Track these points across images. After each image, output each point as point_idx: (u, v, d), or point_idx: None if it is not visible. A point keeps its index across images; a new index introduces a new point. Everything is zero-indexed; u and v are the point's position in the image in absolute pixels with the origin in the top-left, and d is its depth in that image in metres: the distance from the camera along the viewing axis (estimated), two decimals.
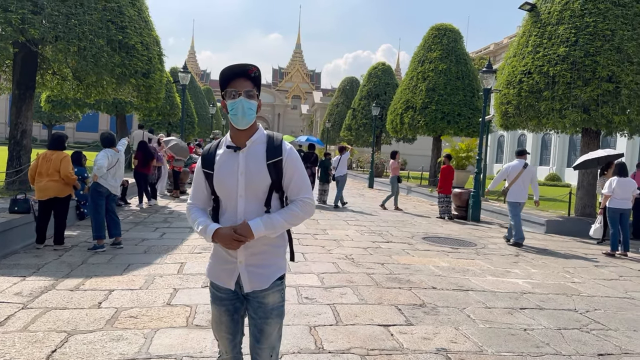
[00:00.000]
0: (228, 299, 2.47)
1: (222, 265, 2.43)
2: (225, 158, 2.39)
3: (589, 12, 12.11)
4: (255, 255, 2.38)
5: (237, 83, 2.33)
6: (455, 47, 23.37)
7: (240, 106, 2.30)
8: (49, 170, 7.20)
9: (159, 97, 12.71)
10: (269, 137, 2.44)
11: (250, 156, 2.36)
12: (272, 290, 2.42)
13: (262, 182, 2.34)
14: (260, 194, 2.35)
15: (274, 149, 2.39)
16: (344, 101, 44.22)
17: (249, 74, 2.35)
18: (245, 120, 2.33)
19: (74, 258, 6.80)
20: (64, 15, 9.45)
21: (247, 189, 2.33)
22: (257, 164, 2.34)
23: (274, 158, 2.36)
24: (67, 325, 4.36)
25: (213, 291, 2.53)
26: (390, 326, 4.72)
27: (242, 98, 2.30)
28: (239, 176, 2.33)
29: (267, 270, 2.41)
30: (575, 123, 12.36)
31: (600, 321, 5.27)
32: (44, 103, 20.72)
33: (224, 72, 2.35)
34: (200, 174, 2.47)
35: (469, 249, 9.22)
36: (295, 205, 2.40)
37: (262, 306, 2.41)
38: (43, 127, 48.59)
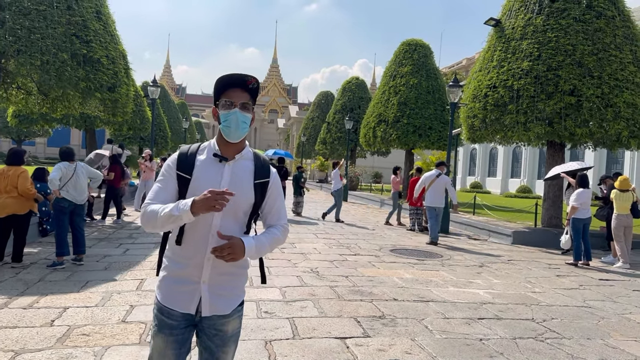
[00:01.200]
0: (179, 328, 2.21)
1: (181, 286, 2.18)
2: (208, 166, 2.19)
3: (551, 28, 12.45)
4: (221, 276, 2.19)
5: (234, 93, 2.18)
6: (425, 62, 23.77)
7: (235, 118, 2.15)
8: (7, 187, 7.06)
9: (125, 111, 12.60)
10: (256, 155, 2.32)
11: (237, 171, 2.20)
12: (233, 317, 2.25)
13: (245, 200, 2.19)
14: (240, 213, 2.20)
15: (262, 168, 2.27)
16: (319, 115, 44.44)
17: (247, 85, 2.20)
18: (237, 134, 2.18)
19: (32, 275, 6.65)
20: (26, 29, 9.36)
21: (227, 206, 2.06)
22: (243, 180, 2.20)
23: (262, 178, 2.24)
24: (16, 344, 4.25)
25: (162, 319, 2.21)
26: (347, 338, 4.72)
27: (237, 110, 2.16)
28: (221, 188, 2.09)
29: (231, 293, 2.24)
30: (540, 136, 12.64)
31: (556, 330, 5.35)
32: (11, 118, 20.35)
33: (221, 80, 2.19)
34: (171, 176, 2.20)
35: (434, 260, 9.29)
36: (277, 230, 2.30)
37: (219, 334, 2.22)
38: (12, 142, 47.64)
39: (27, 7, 9.45)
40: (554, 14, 12.55)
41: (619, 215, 9.86)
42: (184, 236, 2.17)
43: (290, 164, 42.12)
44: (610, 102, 11.75)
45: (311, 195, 27.13)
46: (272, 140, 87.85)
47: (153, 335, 2.26)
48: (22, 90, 12.07)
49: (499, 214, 16.95)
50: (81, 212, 7.78)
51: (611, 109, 11.73)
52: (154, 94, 18.04)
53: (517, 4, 13.43)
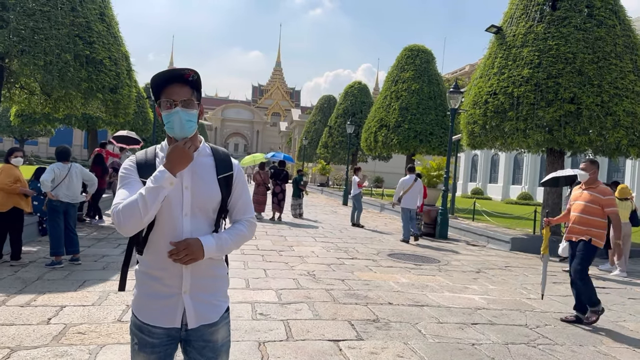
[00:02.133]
0: (161, 345, 2.07)
1: (160, 301, 2.04)
2: None
3: (551, 36, 12.50)
4: (202, 283, 2.07)
5: (173, 90, 2.00)
6: (427, 67, 23.86)
7: (177, 118, 1.98)
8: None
9: (127, 112, 12.68)
10: (214, 149, 2.19)
11: (197, 169, 2.06)
12: (221, 325, 2.14)
13: (212, 198, 2.07)
14: (209, 212, 2.08)
15: (223, 162, 2.14)
16: (321, 119, 44.59)
17: (185, 78, 2.02)
18: (183, 133, 2.01)
19: (30, 274, 6.70)
20: (30, 30, 9.44)
21: (194, 206, 2.03)
22: (205, 178, 2.07)
23: (225, 172, 2.12)
24: (12, 341, 4.30)
25: (141, 337, 2.08)
26: (340, 341, 4.76)
27: (178, 109, 1.98)
28: (183, 191, 2.02)
29: (215, 299, 2.13)
30: (539, 143, 12.67)
31: (549, 336, 5.39)
32: (14, 118, 20.47)
33: (156, 77, 2.02)
34: (133, 174, 2.06)
35: (431, 265, 9.33)
36: (242, 226, 2.17)
37: (209, 345, 2.09)
38: (15, 141, 47.82)
39: (32, 8, 9.54)
40: (554, 22, 12.61)
41: None
42: (152, 245, 2.07)
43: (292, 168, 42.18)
44: (610, 111, 11.79)
45: (311, 199, 27.19)
46: (274, 143, 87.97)
47: (133, 354, 2.13)
48: (25, 90, 12.17)
49: (498, 220, 16.98)
50: (73, 213, 7.80)
51: (611, 118, 11.77)
52: None
53: (518, 11, 13.50)
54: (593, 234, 6.01)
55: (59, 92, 10.33)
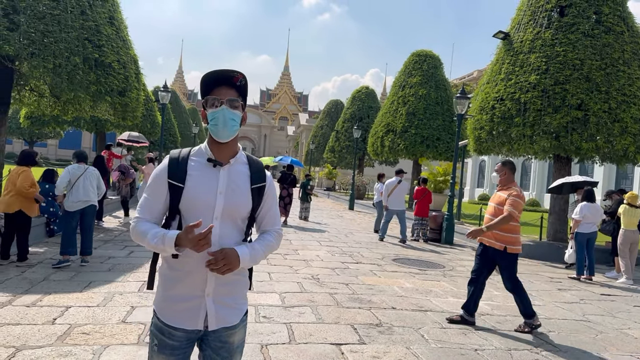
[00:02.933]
0: (181, 347, 2.10)
1: (183, 302, 2.06)
2: (201, 172, 2.08)
3: (559, 42, 12.48)
4: (225, 286, 2.09)
5: (221, 91, 2.07)
6: (435, 73, 23.87)
7: (222, 116, 2.04)
8: (7, 185, 7.30)
9: (135, 115, 12.75)
10: (250, 158, 2.22)
11: (233, 176, 2.10)
12: (239, 327, 2.16)
13: (244, 206, 2.10)
14: (238, 220, 2.11)
15: (258, 173, 2.17)
16: (328, 123, 44.65)
17: (234, 82, 2.09)
18: (226, 132, 2.06)
19: (36, 274, 6.76)
20: (40, 33, 9.53)
21: (225, 211, 2.05)
22: (240, 185, 2.10)
23: (258, 183, 2.15)
24: (17, 340, 4.34)
25: (161, 338, 2.09)
26: (343, 345, 4.77)
27: (224, 107, 2.05)
28: (217, 195, 2.04)
29: (236, 302, 2.15)
30: (546, 149, 12.63)
31: (552, 343, 5.37)
32: (23, 120, 20.65)
33: (206, 77, 2.09)
34: (161, 185, 2.07)
35: (436, 270, 9.31)
36: (271, 236, 2.21)
37: (225, 346, 2.12)
38: (25, 143, 48.21)
39: (42, 12, 9.64)
40: (562, 29, 12.59)
41: (626, 231, 9.81)
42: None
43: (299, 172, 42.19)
44: (618, 118, 11.75)
45: (318, 203, 27.19)
46: (281, 147, 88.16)
47: (152, 355, 2.14)
48: (34, 93, 12.28)
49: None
50: (90, 213, 7.87)
51: (618, 124, 11.73)
52: (164, 99, 18.27)
53: (526, 17, 13.49)
54: (505, 240, 5.74)
55: (67, 94, 10.40)
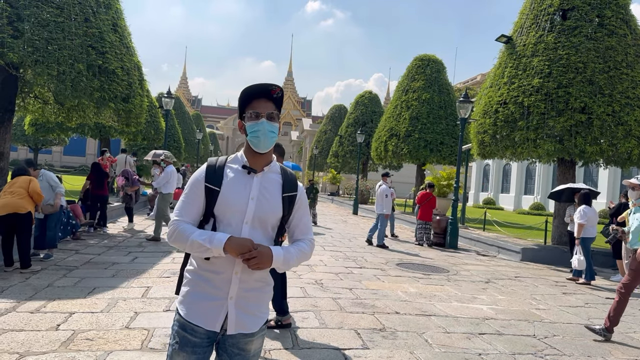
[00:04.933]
0: (202, 346, 2.12)
1: (207, 302, 2.10)
2: (237, 178, 2.16)
3: (562, 45, 12.48)
4: (248, 292, 2.13)
5: (259, 104, 2.17)
6: (438, 77, 23.87)
7: (262, 129, 2.14)
8: (11, 188, 7.28)
9: (139, 121, 12.81)
10: (283, 169, 2.29)
11: (266, 183, 2.18)
12: (257, 336, 2.17)
13: (273, 213, 2.16)
14: (268, 227, 2.17)
15: (290, 182, 2.24)
16: (332, 128, 44.65)
17: (271, 94, 2.18)
18: (266, 144, 2.16)
19: (41, 281, 6.78)
20: (44, 40, 9.59)
21: (255, 216, 2.12)
22: (272, 193, 2.18)
23: (290, 192, 2.22)
24: (21, 346, 4.35)
25: (184, 336, 2.12)
26: (346, 350, 4.76)
27: (264, 120, 2.14)
28: (249, 200, 2.12)
29: (257, 310, 2.17)
30: (549, 153, 12.60)
31: (557, 347, 5.34)
32: (28, 127, 20.73)
33: (246, 91, 2.18)
34: (199, 189, 2.16)
35: (440, 275, 9.29)
36: (305, 244, 2.25)
37: (242, 353, 2.14)
38: (29, 150, 48.38)
39: (46, 19, 9.70)
40: (565, 32, 12.60)
41: None
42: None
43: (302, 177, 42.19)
44: (622, 120, 11.72)
45: (322, 208, 27.18)
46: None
47: (172, 354, 2.14)
48: (39, 100, 12.36)
49: (509, 230, 16.87)
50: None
51: (622, 127, 11.70)
52: (168, 105, 18.32)
53: (528, 21, 13.50)
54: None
55: (71, 101, 10.46)
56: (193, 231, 2.07)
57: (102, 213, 11.95)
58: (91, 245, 9.97)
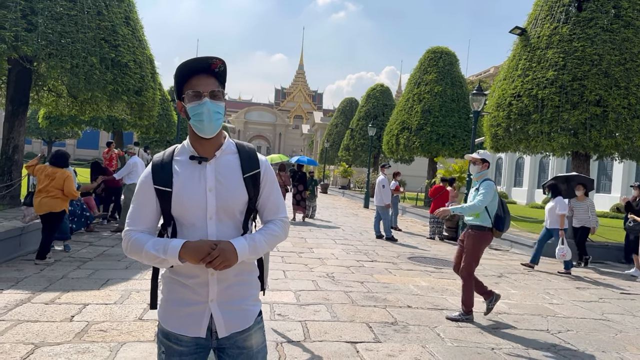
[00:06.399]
0: (190, 353, 1.95)
1: (185, 308, 1.91)
2: (187, 172, 1.91)
3: (577, 37, 12.30)
4: (229, 289, 1.94)
5: (199, 81, 1.89)
6: (450, 69, 23.66)
7: (206, 110, 1.87)
8: (48, 187, 7.33)
9: (151, 114, 12.88)
10: (239, 146, 2.03)
11: (221, 169, 1.93)
12: (255, 329, 2.01)
13: (238, 199, 1.92)
14: (236, 214, 1.94)
15: (250, 160, 1.99)
16: (343, 121, 44.54)
17: (212, 69, 1.90)
18: (212, 127, 1.89)
19: (55, 272, 6.84)
20: (58, 33, 9.66)
21: (219, 208, 1.90)
22: (230, 177, 1.93)
23: (251, 171, 1.96)
24: (36, 337, 4.40)
25: (169, 345, 1.96)
26: (358, 343, 4.75)
27: (207, 100, 1.87)
28: (207, 193, 1.89)
29: (245, 304, 1.99)
30: (564, 146, 12.46)
31: (571, 342, 5.29)
32: (42, 120, 20.96)
33: (182, 67, 1.90)
34: (148, 192, 1.93)
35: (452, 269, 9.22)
36: (275, 225, 2.01)
37: (244, 352, 1.97)
38: (43, 143, 48.90)
39: (59, 12, 9.76)
40: (580, 24, 12.41)
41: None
42: None
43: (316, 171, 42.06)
44: (638, 114, 11.56)
45: (333, 201, 27.22)
46: (296, 146, 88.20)
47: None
48: (52, 93, 12.48)
49: (522, 224, 16.74)
50: None
51: (638, 120, 11.54)
52: None
53: (543, 13, 13.32)
54: None
55: (85, 94, 10.54)
56: (146, 241, 1.86)
57: (116, 204, 12.04)
58: (105, 237, 10.05)
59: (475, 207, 5.75)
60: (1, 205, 10.18)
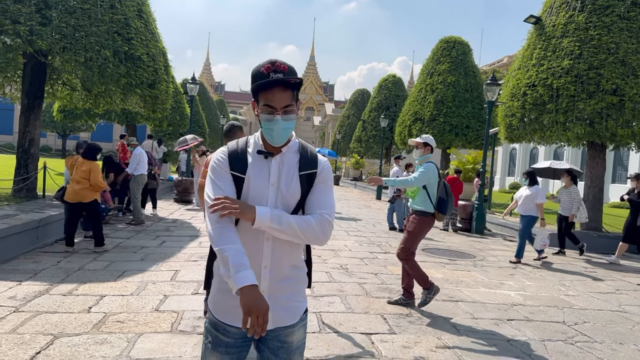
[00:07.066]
0: (237, 346, 2.01)
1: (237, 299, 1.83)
2: (256, 164, 2.00)
3: (593, 25, 12.10)
4: (281, 284, 1.99)
5: (274, 96, 1.93)
6: (464, 59, 23.45)
7: (277, 127, 1.95)
8: (77, 177, 7.77)
9: (165, 107, 12.92)
10: (302, 146, 2.10)
11: (283, 165, 2.01)
12: (299, 327, 2.03)
13: (293, 195, 1.99)
14: (291, 210, 2.00)
15: (309, 159, 2.05)
16: (354, 113, 44.37)
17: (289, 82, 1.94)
18: (280, 140, 1.98)
19: (72, 264, 6.93)
20: (72, 27, 9.71)
21: (278, 202, 1.97)
22: (289, 174, 2.00)
23: (308, 169, 2.02)
24: (55, 328, 4.46)
25: (216, 335, 2.00)
26: (373, 334, 4.76)
27: (279, 119, 1.94)
28: (269, 187, 1.97)
29: (293, 300, 2.03)
30: (579, 136, 12.31)
31: (587, 334, 5.25)
32: (56, 113, 21.13)
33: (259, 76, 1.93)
34: (226, 175, 1.98)
35: (467, 260, 9.21)
36: (312, 217, 1.96)
37: (284, 346, 1.99)
38: (58, 136, 49.32)
39: (73, 6, 9.80)
40: (596, 11, 12.20)
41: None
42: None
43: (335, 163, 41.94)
44: None
45: (345, 193, 27.19)
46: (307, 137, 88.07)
47: (205, 353, 2.04)
48: (67, 86, 12.57)
49: None
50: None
51: None
52: (193, 91, 18.44)
53: (558, 1, 13.11)
54: None
55: (99, 87, 10.59)
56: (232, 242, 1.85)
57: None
58: (120, 229, 10.15)
59: (408, 182, 5.85)
60: (18, 198, 10.30)
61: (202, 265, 7.29)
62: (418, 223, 5.77)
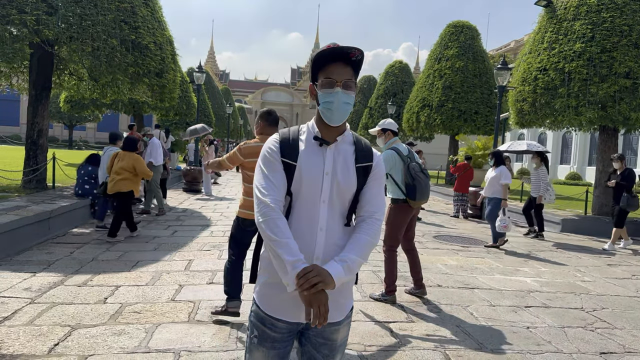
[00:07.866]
0: (283, 340, 1.97)
1: (286, 293, 1.84)
2: (310, 151, 1.94)
3: (605, 7, 11.90)
4: None
5: (335, 69, 1.90)
6: (472, 44, 23.17)
7: (337, 99, 1.89)
8: (118, 169, 7.99)
9: (172, 96, 12.83)
10: (356, 138, 2.05)
11: (339, 155, 1.95)
12: (344, 324, 2.00)
13: (349, 188, 1.93)
14: (346, 202, 1.96)
15: (364, 152, 2.00)
16: (361, 100, 44.11)
17: (349, 57, 1.89)
18: (339, 116, 1.92)
19: (85, 255, 6.92)
20: (78, 16, 9.61)
21: (332, 193, 1.91)
22: (346, 166, 1.94)
23: (364, 162, 1.98)
24: (72, 319, 4.44)
25: (264, 330, 1.96)
26: (391, 323, 4.72)
27: (339, 91, 1.89)
28: (324, 176, 1.91)
29: (341, 297, 1.95)
30: (592, 120, 12.16)
31: (607, 320, 5.19)
32: (63, 103, 21.08)
33: (320, 54, 1.90)
34: (277, 164, 1.92)
35: (479, 247, 9.14)
36: (366, 234, 1.91)
37: (328, 343, 1.97)
38: (64, 127, 49.43)
39: None
40: None
41: None
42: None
43: None
44: None
45: None
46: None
47: (251, 347, 2.00)
48: (74, 77, 12.50)
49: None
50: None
51: None
52: (200, 79, 18.36)
53: None
54: None
55: (106, 77, 10.51)
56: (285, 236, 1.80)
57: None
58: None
59: None
60: (28, 189, 10.30)
61: (215, 254, 7.27)
62: (391, 212, 5.58)
